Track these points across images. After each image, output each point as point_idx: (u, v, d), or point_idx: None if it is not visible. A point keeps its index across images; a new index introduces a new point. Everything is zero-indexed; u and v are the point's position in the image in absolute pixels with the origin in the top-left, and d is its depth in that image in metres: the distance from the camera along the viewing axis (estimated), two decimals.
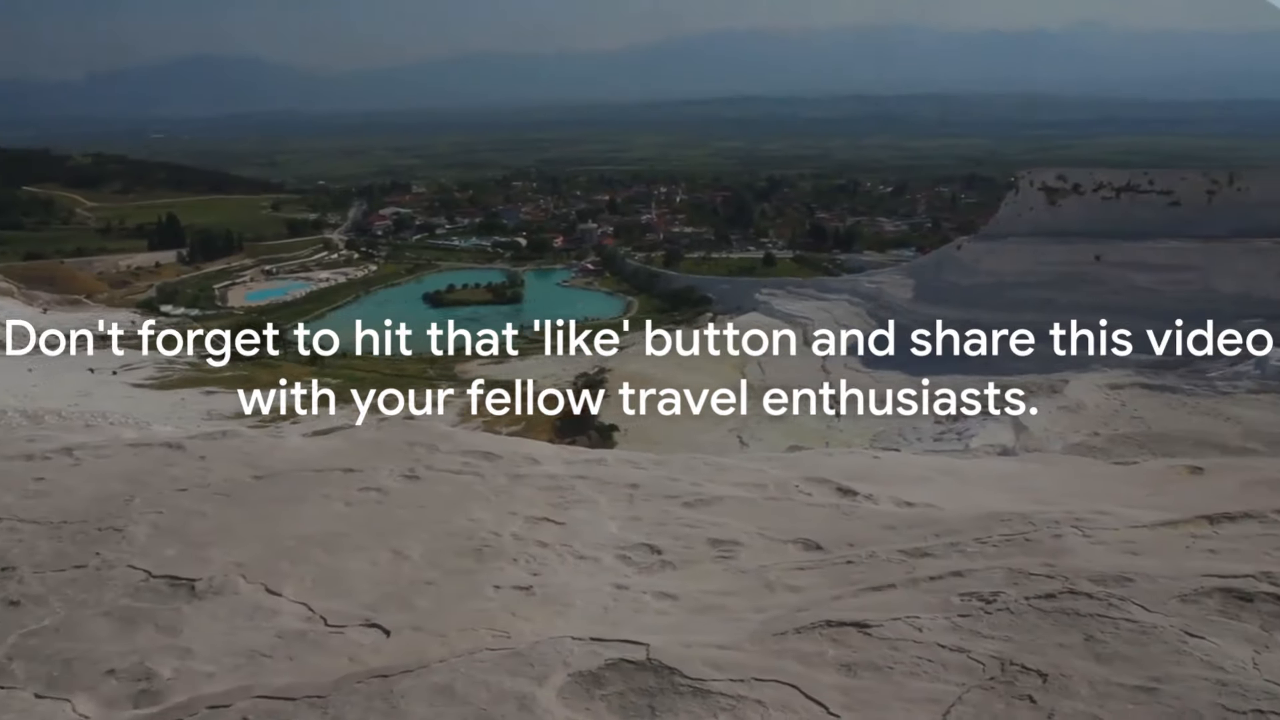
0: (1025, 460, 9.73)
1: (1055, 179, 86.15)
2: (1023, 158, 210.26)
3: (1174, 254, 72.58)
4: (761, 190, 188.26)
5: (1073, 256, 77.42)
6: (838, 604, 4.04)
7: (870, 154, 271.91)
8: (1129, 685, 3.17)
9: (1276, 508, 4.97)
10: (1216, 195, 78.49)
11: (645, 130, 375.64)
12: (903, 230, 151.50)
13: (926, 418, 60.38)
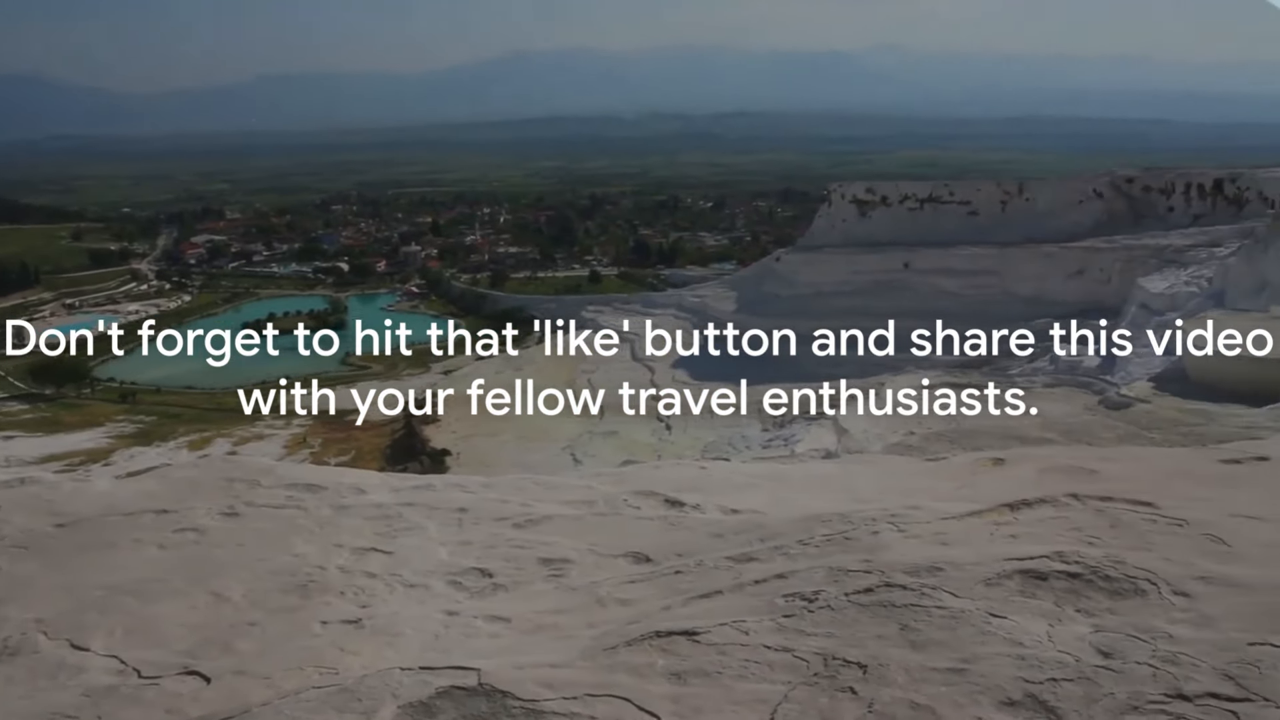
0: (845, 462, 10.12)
1: (865, 191, 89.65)
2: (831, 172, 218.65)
3: (974, 260, 76.64)
4: (584, 208, 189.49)
5: (884, 265, 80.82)
6: (667, 614, 4.11)
7: (688, 171, 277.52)
8: (941, 668, 3.35)
9: (1068, 492, 5.33)
10: (1009, 204, 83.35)
11: (464, 151, 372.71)
12: (723, 244, 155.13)
13: (754, 426, 61.82)
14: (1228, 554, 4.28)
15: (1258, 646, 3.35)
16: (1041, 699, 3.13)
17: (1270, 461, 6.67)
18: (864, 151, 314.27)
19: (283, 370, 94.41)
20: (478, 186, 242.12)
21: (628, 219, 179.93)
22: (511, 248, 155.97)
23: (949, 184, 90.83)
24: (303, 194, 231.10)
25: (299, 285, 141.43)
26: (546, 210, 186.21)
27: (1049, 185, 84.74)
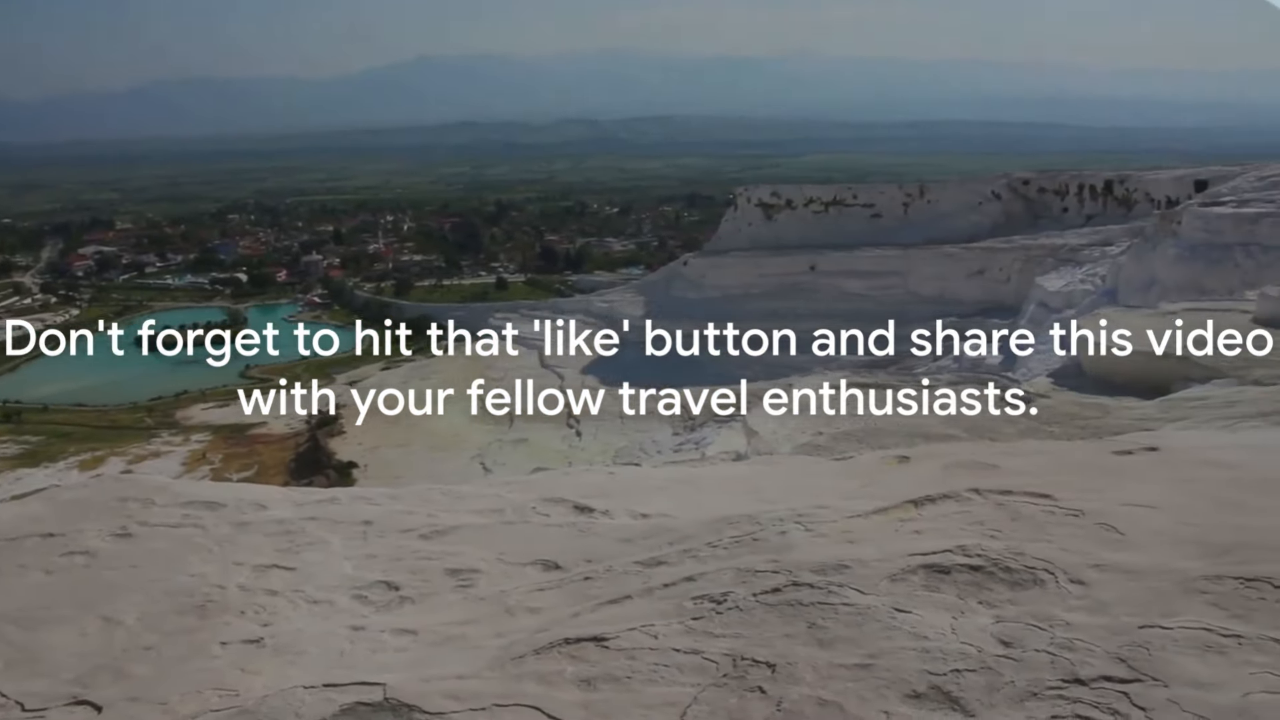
0: (754, 464, 10.19)
1: (770, 195, 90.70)
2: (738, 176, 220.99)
3: (879, 261, 78.14)
4: (490, 215, 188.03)
5: (790, 267, 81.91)
6: (576, 621, 4.08)
7: (595, 176, 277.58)
8: (849, 665, 3.38)
9: (970, 487, 5.43)
10: (911, 206, 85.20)
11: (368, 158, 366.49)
12: (631, 249, 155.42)
13: (665, 430, 62.06)
14: (1120, 542, 4.41)
15: (1147, 629, 3.46)
16: (945, 690, 3.18)
17: (1160, 451, 6.89)
18: (771, 156, 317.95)
19: (180, 384, 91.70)
20: (381, 194, 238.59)
21: (534, 225, 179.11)
22: (416, 255, 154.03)
23: (853, 187, 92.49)
24: (198, 203, 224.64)
25: (195, 297, 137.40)
26: (452, 217, 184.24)
27: (949, 188, 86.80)
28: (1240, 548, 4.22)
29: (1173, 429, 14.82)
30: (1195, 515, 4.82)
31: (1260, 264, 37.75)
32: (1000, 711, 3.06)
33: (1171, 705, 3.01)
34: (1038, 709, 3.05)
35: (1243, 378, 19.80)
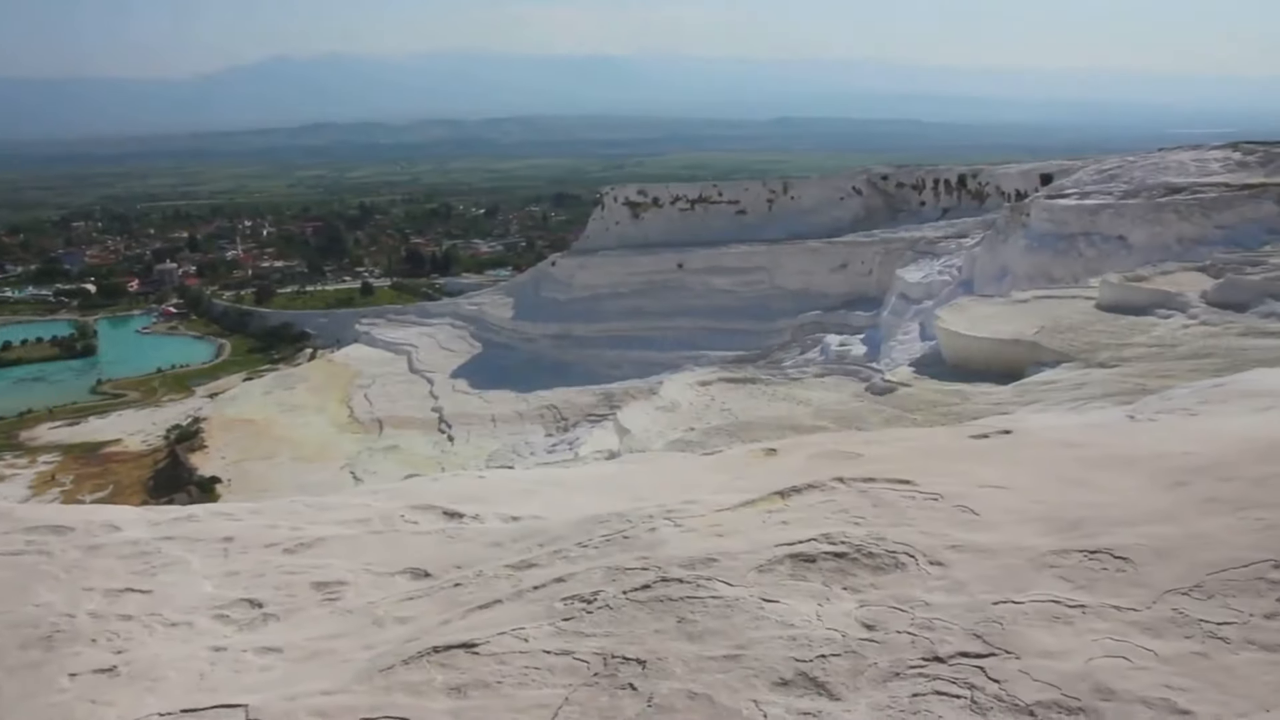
0: (625, 461, 10.24)
1: (637, 194, 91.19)
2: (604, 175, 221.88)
3: (745, 258, 79.44)
4: (353, 219, 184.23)
5: (658, 266, 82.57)
6: (446, 628, 4.02)
7: (460, 177, 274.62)
8: (718, 656, 3.42)
9: (834, 476, 5.56)
10: (775, 203, 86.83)
11: (222, 161, 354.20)
12: (498, 251, 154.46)
13: (538, 432, 61.89)
14: (976, 522, 4.58)
15: (1001, 605, 3.60)
16: (812, 676, 3.25)
17: (1013, 434, 7.18)
18: (635, 155, 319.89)
19: (24, 403, 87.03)
20: (238, 198, 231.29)
21: (399, 228, 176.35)
22: (277, 262, 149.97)
23: (718, 185, 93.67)
24: (38, 210, 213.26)
25: (38, 310, 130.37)
26: (313, 221, 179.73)
27: (811, 184, 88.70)
28: (1085, 522, 4.43)
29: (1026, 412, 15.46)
30: (1044, 493, 5.04)
31: (1102, 252, 39.70)
32: (864, 693, 3.15)
33: (1023, 675, 3.14)
34: (900, 688, 3.14)
35: (1089, 361, 20.79)
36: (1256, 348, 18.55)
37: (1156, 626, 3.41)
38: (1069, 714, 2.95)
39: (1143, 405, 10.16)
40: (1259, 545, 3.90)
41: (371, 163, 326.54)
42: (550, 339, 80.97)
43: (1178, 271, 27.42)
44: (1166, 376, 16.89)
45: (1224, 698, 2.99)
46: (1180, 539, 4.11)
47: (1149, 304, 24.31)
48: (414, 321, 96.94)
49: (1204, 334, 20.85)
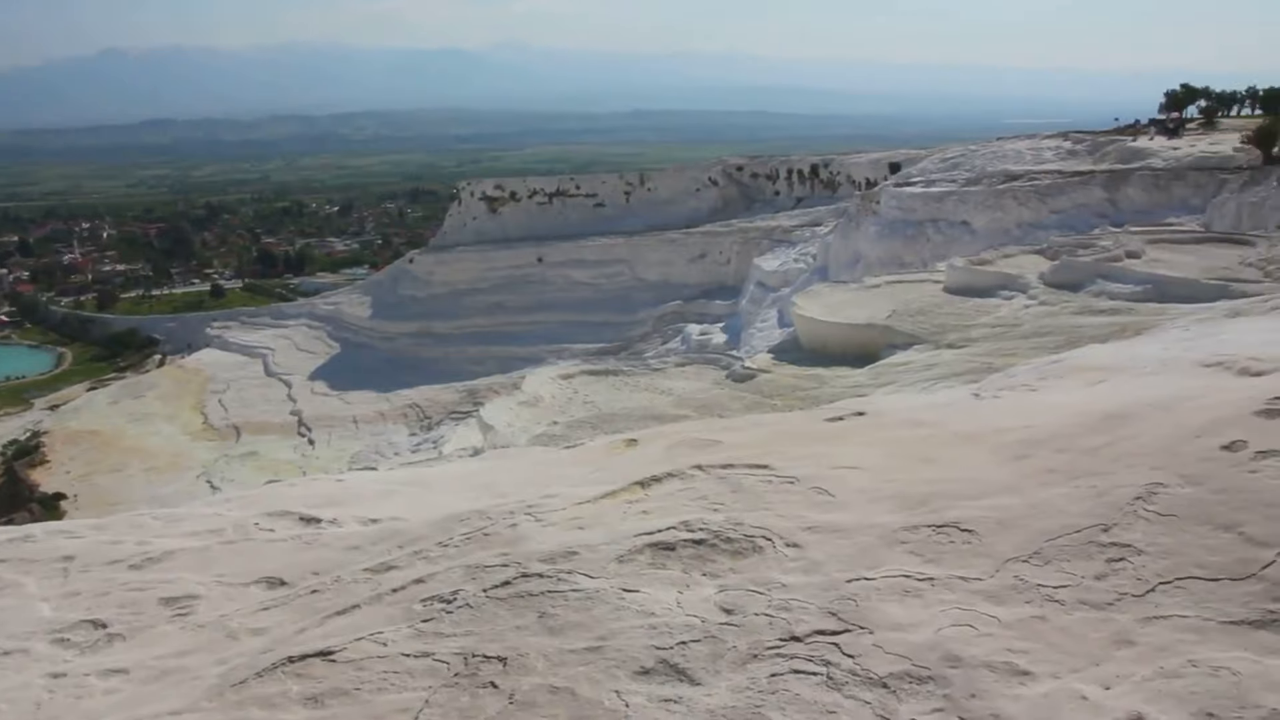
0: (486, 458, 10.15)
1: (494, 188, 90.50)
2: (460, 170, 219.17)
3: (604, 250, 79.69)
4: (200, 219, 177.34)
5: (517, 260, 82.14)
6: (302, 637, 3.91)
7: (311, 174, 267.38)
8: (579, 649, 3.42)
9: (693, 464, 5.62)
10: (633, 195, 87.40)
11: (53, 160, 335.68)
12: (354, 249, 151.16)
13: (401, 432, 60.90)
14: (831, 503, 4.69)
15: (854, 582, 3.71)
16: (673, 663, 3.28)
17: (866, 415, 7.38)
18: (492, 149, 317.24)
19: None
20: (72, 199, 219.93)
21: (249, 228, 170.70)
22: (119, 265, 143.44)
23: (576, 178, 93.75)
24: None
25: None
26: (157, 223, 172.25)
27: (668, 175, 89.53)
28: (933, 498, 4.59)
29: (880, 394, 15.96)
30: (895, 472, 5.19)
31: (948, 238, 41.27)
32: (724, 676, 3.19)
33: (876, 649, 3.24)
34: (759, 669, 3.20)
35: (938, 342, 21.57)
36: (1090, 325, 19.54)
37: (999, 594, 3.56)
38: (919, 683, 3.05)
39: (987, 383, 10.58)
40: (1090, 512, 4.10)
41: (218, 161, 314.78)
42: (410, 337, 79.70)
43: (1018, 254, 28.69)
44: (1010, 355, 17.66)
45: (1060, 656, 3.14)
46: (1020, 510, 4.29)
47: (992, 286, 25.38)
48: (269, 324, 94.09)
49: (1043, 313, 21.86)
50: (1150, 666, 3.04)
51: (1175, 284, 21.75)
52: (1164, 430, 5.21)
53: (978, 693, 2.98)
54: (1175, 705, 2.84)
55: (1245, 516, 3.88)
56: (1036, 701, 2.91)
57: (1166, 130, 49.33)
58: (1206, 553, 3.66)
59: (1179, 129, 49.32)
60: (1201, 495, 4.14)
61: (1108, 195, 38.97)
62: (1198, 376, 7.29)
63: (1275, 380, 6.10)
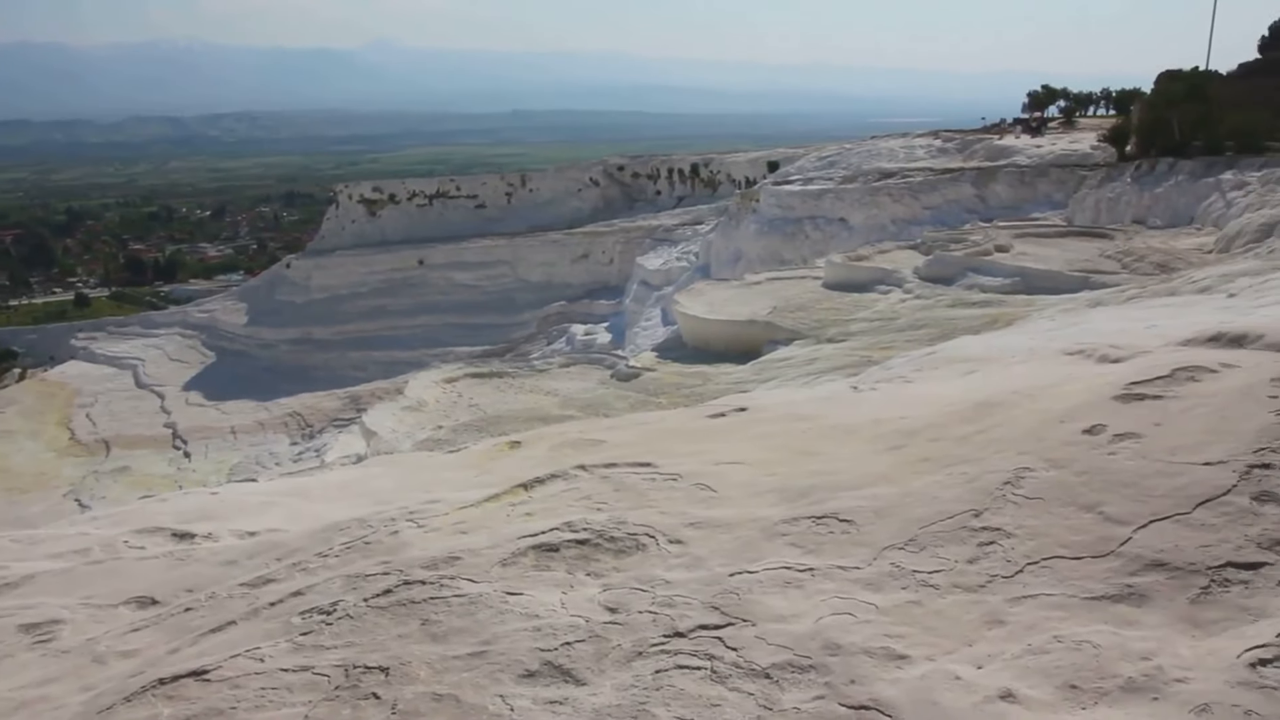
0: (369, 465, 9.96)
1: (372, 191, 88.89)
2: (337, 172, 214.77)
3: (486, 252, 79.01)
4: (61, 225, 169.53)
5: (398, 263, 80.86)
6: (174, 658, 3.78)
7: (181, 177, 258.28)
8: (463, 655, 3.38)
9: (577, 464, 5.62)
10: (514, 196, 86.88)
11: None
12: (228, 254, 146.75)
13: (283, 441, 59.40)
14: (713, 499, 4.75)
15: (736, 576, 3.75)
16: (557, 664, 3.27)
17: (748, 411, 7.48)
18: (369, 150, 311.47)
19: None
20: None
21: (115, 234, 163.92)
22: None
23: (456, 179, 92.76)
24: None
25: None
26: (13, 229, 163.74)
27: (549, 176, 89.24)
28: (813, 490, 4.68)
29: (763, 389, 16.21)
30: (777, 466, 5.28)
31: (826, 234, 42.10)
32: (609, 675, 3.20)
33: (759, 641, 3.28)
34: (643, 666, 3.21)
35: (819, 337, 21.98)
36: (963, 317, 20.18)
37: (877, 581, 3.65)
38: (801, 672, 3.10)
39: (866, 376, 10.84)
40: (961, 498, 4.24)
41: (79, 164, 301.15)
42: (289, 343, 77.74)
43: (893, 250, 29.46)
44: (888, 348, 18.11)
45: (935, 639, 3.23)
46: (896, 498, 4.41)
47: (870, 281, 26.00)
48: (139, 333, 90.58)
49: (918, 307, 22.48)
50: (1019, 644, 3.15)
51: (1041, 276, 22.61)
52: (1030, 417, 5.41)
53: (857, 678, 3.04)
54: (1042, 680, 2.95)
55: (1105, 497, 4.05)
56: (913, 684, 2.99)
57: (1030, 129, 51.27)
58: (1070, 533, 3.82)
59: (1041, 128, 51.30)
60: (1065, 478, 4.32)
61: (977, 191, 40.29)
62: (1062, 365, 7.60)
63: (1131, 366, 6.39)
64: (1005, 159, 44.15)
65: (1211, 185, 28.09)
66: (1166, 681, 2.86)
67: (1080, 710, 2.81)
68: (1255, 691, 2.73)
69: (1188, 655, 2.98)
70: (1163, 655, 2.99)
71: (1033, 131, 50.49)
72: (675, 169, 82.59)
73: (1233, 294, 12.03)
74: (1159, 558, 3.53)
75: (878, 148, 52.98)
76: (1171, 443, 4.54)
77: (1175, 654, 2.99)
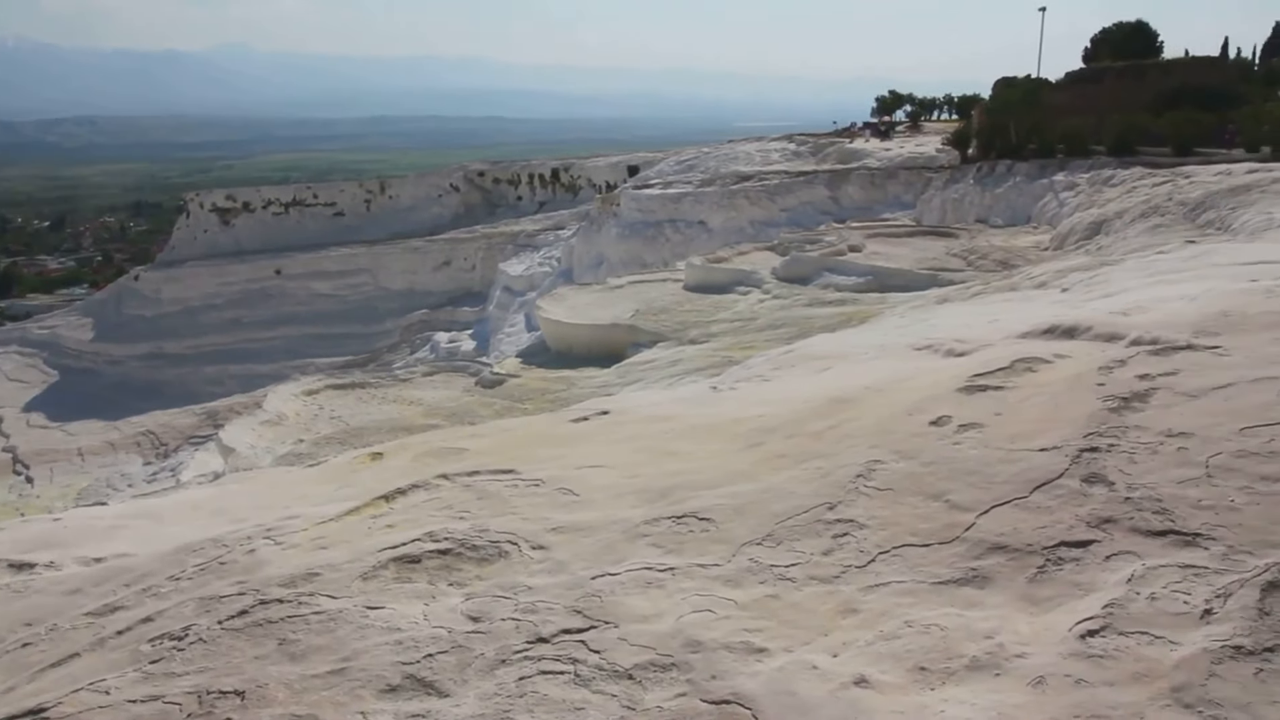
0: (224, 483, 9.65)
1: (225, 199, 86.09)
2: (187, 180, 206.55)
3: (346, 260, 77.36)
4: None
5: (254, 274, 78.49)
6: (9, 697, 3.59)
7: (15, 186, 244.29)
8: (322, 673, 3.32)
9: (439, 473, 5.57)
10: (373, 203, 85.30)
11: None
12: (70, 267, 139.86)
13: (135, 462, 56.96)
14: (576, 503, 4.77)
15: (599, 579, 3.78)
16: (419, 677, 3.24)
17: (610, 414, 7.53)
18: (221, 157, 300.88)
19: None
20: None
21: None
22: None
23: (313, 187, 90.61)
24: None
25: None
26: None
27: (409, 182, 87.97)
28: (674, 490, 4.74)
29: (628, 392, 16.31)
30: (638, 467, 5.33)
31: (686, 237, 42.65)
32: (472, 685, 3.18)
33: (621, 642, 3.31)
34: (507, 674, 3.21)
35: (681, 338, 22.24)
36: (819, 315, 20.71)
37: (736, 578, 3.73)
38: (663, 670, 3.15)
39: (726, 376, 11.03)
40: (816, 492, 4.36)
41: None
42: (140, 359, 74.55)
43: (752, 251, 30.03)
44: (748, 348, 18.46)
45: (792, 631, 3.32)
46: (755, 495, 4.51)
47: (729, 282, 26.45)
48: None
49: (776, 306, 22.98)
50: (872, 631, 3.27)
51: (892, 274, 23.39)
52: (881, 411, 5.60)
53: (718, 673, 3.10)
54: (894, 664, 3.06)
55: (950, 485, 4.23)
56: (771, 676, 3.06)
57: (879, 133, 53.01)
58: (919, 521, 3.97)
59: (889, 131, 53.10)
60: (913, 468, 4.49)
61: (831, 193, 41.42)
62: (910, 359, 7.88)
63: (974, 360, 6.68)
64: (856, 162, 45.52)
65: (1046, 186, 29.53)
66: (1007, 658, 3.00)
67: (929, 691, 2.93)
68: (1084, 661, 2.89)
69: (1026, 631, 3.14)
70: (1004, 633, 3.14)
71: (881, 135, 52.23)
72: (536, 174, 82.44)
73: (1066, 288, 12.67)
74: (1000, 541, 3.70)
75: (735, 151, 53.97)
76: (1011, 431, 4.77)
77: (1015, 631, 3.15)
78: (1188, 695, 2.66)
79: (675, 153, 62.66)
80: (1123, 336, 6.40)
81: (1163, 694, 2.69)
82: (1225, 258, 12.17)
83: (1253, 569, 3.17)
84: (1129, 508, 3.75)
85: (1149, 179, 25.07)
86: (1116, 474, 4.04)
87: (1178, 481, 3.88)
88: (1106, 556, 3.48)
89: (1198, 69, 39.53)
